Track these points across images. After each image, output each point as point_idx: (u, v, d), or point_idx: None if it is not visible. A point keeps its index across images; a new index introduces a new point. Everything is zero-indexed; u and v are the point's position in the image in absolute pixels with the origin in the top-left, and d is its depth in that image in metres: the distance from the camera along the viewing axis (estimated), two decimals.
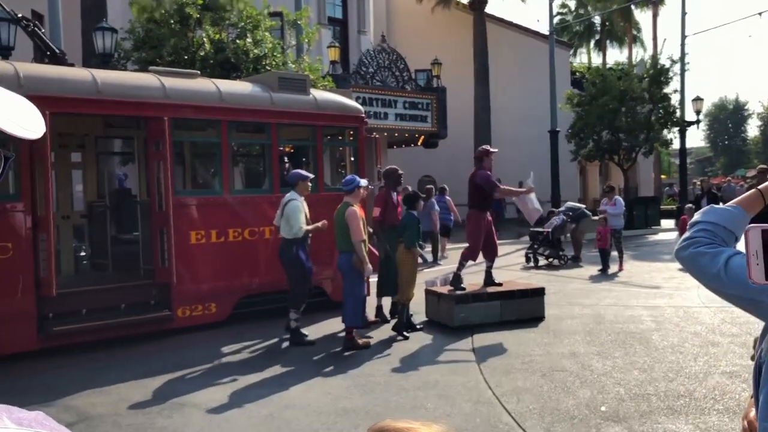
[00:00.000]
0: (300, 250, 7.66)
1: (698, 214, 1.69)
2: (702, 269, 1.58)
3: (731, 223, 1.63)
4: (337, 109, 9.93)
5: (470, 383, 6.01)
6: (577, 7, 44.14)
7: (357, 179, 7.61)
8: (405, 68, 20.48)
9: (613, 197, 13.60)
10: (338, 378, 6.31)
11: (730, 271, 1.52)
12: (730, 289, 1.53)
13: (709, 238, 1.61)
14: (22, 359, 6.95)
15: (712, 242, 1.60)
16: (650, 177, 36.10)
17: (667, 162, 53.64)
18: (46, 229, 7.26)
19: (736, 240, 1.64)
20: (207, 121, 9.10)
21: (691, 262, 1.62)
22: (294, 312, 7.65)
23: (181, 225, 8.28)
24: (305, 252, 7.72)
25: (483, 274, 9.01)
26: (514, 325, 8.21)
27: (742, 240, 1.50)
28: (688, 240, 1.64)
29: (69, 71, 8.05)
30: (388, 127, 19.81)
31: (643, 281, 11.85)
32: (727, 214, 1.65)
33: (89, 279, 9.38)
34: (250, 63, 13.20)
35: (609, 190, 14.10)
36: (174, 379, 6.35)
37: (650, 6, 37.17)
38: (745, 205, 1.68)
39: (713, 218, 1.64)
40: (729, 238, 1.62)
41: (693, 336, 7.59)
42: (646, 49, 40.46)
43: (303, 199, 7.76)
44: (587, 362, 6.57)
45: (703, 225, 1.64)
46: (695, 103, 26.80)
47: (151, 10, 13.17)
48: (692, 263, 1.61)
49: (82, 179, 10.77)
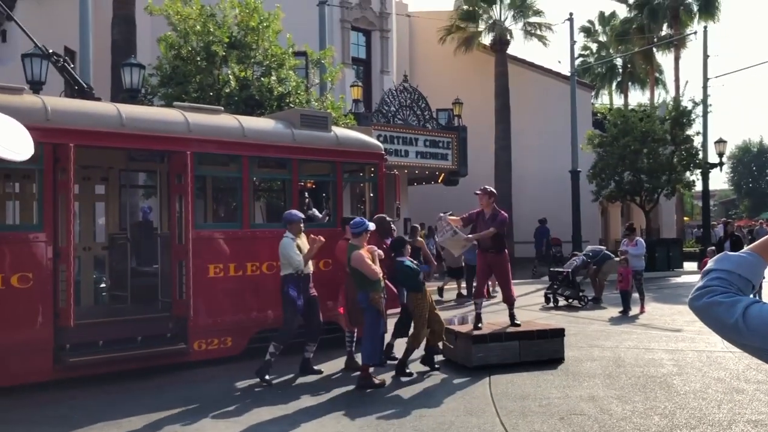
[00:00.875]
0: (290, 288, 7.59)
1: (712, 262, 1.62)
2: (718, 319, 1.51)
3: (748, 271, 1.56)
4: (358, 146, 10.00)
5: (486, 425, 5.90)
6: (599, 49, 44.47)
7: (366, 223, 7.60)
8: (426, 107, 20.67)
9: (634, 238, 13.45)
10: (352, 417, 6.23)
11: (749, 321, 1.45)
12: (750, 339, 1.46)
13: (724, 286, 1.53)
14: (37, 390, 6.97)
15: (727, 291, 1.52)
16: (672, 219, 35.72)
17: (690, 204, 53.10)
18: (66, 261, 7.33)
19: (753, 288, 1.58)
20: (229, 156, 9.21)
21: (706, 313, 1.54)
22: (274, 346, 7.52)
23: (200, 258, 8.32)
24: (296, 289, 7.62)
25: (501, 314, 8.97)
26: (532, 367, 8.08)
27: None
28: (702, 289, 1.57)
29: (94, 105, 8.22)
30: (408, 165, 19.91)
31: (665, 324, 11.63)
32: (744, 262, 1.58)
33: (107, 310, 9.42)
34: (274, 100, 13.40)
35: (630, 230, 13.95)
36: (187, 413, 6.31)
37: (672, 48, 37.25)
38: (761, 251, 1.60)
39: (728, 266, 1.57)
40: (745, 287, 1.55)
41: (716, 382, 7.40)
42: (668, 91, 40.43)
43: (303, 238, 7.76)
44: (606, 406, 6.42)
45: (718, 273, 1.57)
46: (718, 145, 26.61)
47: (178, 48, 13.46)
48: (707, 313, 1.54)
49: (105, 211, 10.91)
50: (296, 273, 7.62)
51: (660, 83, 42.08)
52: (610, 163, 23.86)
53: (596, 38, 44.53)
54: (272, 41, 13.98)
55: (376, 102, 21.05)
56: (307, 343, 7.96)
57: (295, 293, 7.61)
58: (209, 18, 13.44)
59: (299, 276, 7.65)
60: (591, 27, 44.35)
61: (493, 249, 8.68)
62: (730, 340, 1.52)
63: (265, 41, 13.89)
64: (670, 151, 24.13)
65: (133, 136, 7.96)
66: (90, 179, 10.24)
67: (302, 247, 7.72)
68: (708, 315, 1.54)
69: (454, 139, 21.03)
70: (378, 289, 7.35)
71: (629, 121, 24.00)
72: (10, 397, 6.68)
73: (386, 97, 19.95)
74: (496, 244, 8.67)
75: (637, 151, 23.34)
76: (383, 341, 7.51)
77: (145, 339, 8.16)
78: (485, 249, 8.72)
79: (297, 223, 7.77)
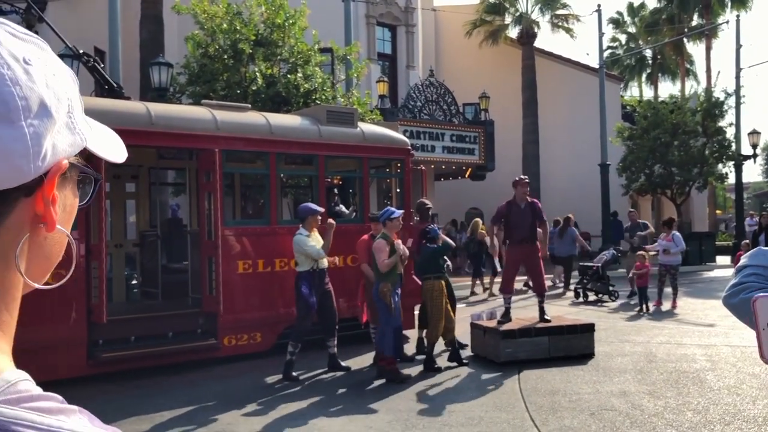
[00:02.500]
0: (304, 285, 7.54)
1: (745, 258, 1.58)
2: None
3: None
4: (384, 142, 9.99)
5: (515, 420, 5.87)
6: (628, 41, 43.82)
7: (390, 210, 7.61)
8: (453, 102, 20.57)
9: (671, 233, 12.82)
10: (380, 412, 6.24)
11: None
12: None
13: (761, 282, 1.50)
14: (70, 385, 7.09)
15: (765, 286, 1.49)
16: (705, 212, 35.12)
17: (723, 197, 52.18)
18: (99, 258, 7.45)
19: None
20: (256, 153, 9.27)
21: (743, 309, 1.50)
22: (292, 345, 7.49)
23: (229, 254, 8.40)
24: (309, 287, 7.56)
25: (530, 310, 8.90)
26: (562, 362, 8.01)
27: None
28: (737, 286, 1.53)
29: (124, 104, 8.33)
30: (435, 160, 19.85)
31: (697, 319, 11.44)
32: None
33: (139, 307, 9.56)
34: (300, 97, 13.45)
35: (668, 225, 13.15)
36: (217, 408, 6.38)
37: (703, 38, 36.58)
38: None
39: (764, 261, 1.54)
40: None
41: (751, 377, 7.26)
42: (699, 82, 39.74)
43: (315, 233, 7.66)
44: (638, 402, 6.34)
45: (753, 269, 1.53)
46: (752, 136, 26.05)
47: (205, 46, 13.58)
48: (744, 310, 1.50)
49: (135, 209, 11.06)
50: (311, 269, 7.56)
51: (691, 74, 41.37)
52: (640, 156, 23.54)
53: (625, 29, 43.87)
54: (298, 38, 14.03)
55: (402, 97, 21.02)
56: (327, 339, 7.91)
57: (308, 291, 7.54)
58: (236, 16, 13.54)
59: (314, 272, 7.59)
60: (620, 18, 43.72)
61: (529, 240, 8.60)
62: None
63: (291, 38, 13.95)
64: (701, 143, 23.72)
65: (163, 135, 8.05)
66: (120, 177, 10.39)
67: (316, 243, 7.65)
68: (745, 312, 1.50)
69: (481, 134, 20.90)
70: (387, 281, 7.34)
71: (659, 113, 23.65)
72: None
73: (412, 93, 19.90)
74: (533, 234, 8.62)
75: (668, 144, 23.00)
76: (400, 333, 7.46)
77: (176, 335, 8.27)
78: (520, 240, 8.60)
79: (314, 216, 7.66)
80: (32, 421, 0.59)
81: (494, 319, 8.96)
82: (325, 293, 7.78)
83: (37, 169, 0.64)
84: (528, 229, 8.57)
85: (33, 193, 0.65)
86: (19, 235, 0.66)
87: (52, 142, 0.65)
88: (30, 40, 0.67)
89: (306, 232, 7.62)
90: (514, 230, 8.61)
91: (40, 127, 0.64)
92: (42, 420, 0.60)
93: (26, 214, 0.66)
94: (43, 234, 0.68)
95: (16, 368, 0.66)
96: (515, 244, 8.66)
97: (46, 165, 0.65)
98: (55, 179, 0.66)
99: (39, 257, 0.70)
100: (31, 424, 0.59)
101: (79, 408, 0.66)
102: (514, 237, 8.65)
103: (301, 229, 7.68)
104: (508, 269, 9.00)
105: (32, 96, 0.63)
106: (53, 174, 0.66)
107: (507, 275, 9.04)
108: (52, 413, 0.62)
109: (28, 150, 0.63)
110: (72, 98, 0.70)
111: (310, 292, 7.57)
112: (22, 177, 0.63)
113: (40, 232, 0.67)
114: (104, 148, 0.77)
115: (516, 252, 8.68)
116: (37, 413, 0.60)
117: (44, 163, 0.64)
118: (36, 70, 0.65)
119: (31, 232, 0.67)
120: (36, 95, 0.64)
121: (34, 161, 0.63)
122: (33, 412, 0.60)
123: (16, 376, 0.63)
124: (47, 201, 0.66)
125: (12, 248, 0.65)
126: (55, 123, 0.66)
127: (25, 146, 0.62)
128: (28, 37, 0.67)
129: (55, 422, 0.61)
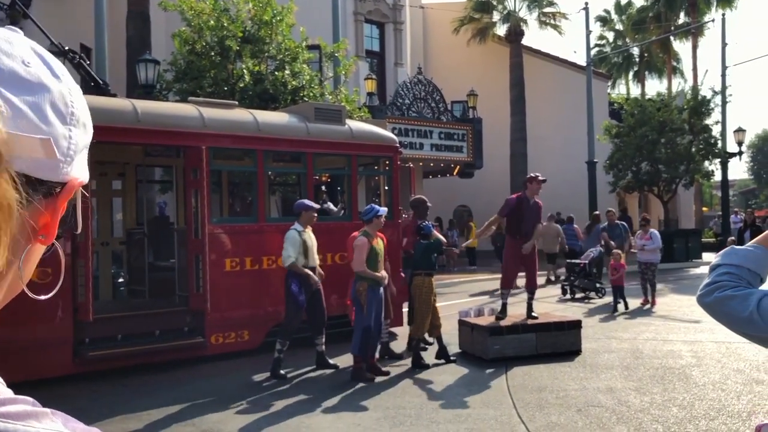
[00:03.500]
0: (294, 283, 7.50)
1: (718, 257, 1.59)
2: (731, 313, 1.49)
3: (755, 264, 1.53)
4: (372, 139, 9.99)
5: (503, 417, 5.89)
6: (615, 39, 44.01)
7: (375, 209, 7.49)
8: (441, 99, 20.61)
9: (648, 230, 13.02)
10: (369, 409, 6.25)
11: (764, 313, 1.43)
12: (765, 331, 1.44)
13: (733, 281, 1.51)
14: (57, 383, 7.05)
15: (737, 285, 1.50)
16: (691, 209, 35.41)
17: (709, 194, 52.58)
18: (85, 256, 7.40)
19: (761, 281, 1.55)
20: (244, 151, 9.24)
21: (718, 308, 1.52)
22: (280, 342, 7.46)
23: (217, 252, 8.37)
24: (299, 284, 7.50)
25: (520, 306, 8.94)
26: (549, 359, 8.05)
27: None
28: (711, 285, 1.54)
29: (110, 101, 8.27)
30: (423, 158, 19.88)
31: (683, 315, 11.53)
32: (751, 255, 1.55)
33: (126, 305, 9.51)
34: (288, 94, 13.41)
35: (645, 222, 13.42)
36: (205, 406, 6.36)
37: (689, 37, 36.83)
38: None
39: (736, 260, 1.55)
40: (754, 280, 1.53)
41: (736, 373, 7.33)
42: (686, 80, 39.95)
43: (309, 230, 7.64)
44: (624, 398, 6.39)
45: (726, 268, 1.54)
46: (737, 134, 26.28)
47: (192, 43, 13.51)
48: (719, 308, 1.52)
49: (122, 207, 11.00)
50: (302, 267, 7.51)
51: (677, 72, 41.63)
52: (627, 153, 23.67)
53: (612, 27, 44.06)
54: (286, 35, 13.98)
55: (390, 95, 21.01)
56: (315, 336, 7.88)
57: (297, 288, 7.50)
58: (223, 13, 13.47)
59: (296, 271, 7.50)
60: (607, 16, 43.91)
61: (530, 236, 8.65)
62: (743, 334, 1.51)
63: (279, 35, 13.90)
64: (688, 140, 23.88)
65: (149, 132, 8.01)
66: (107, 175, 10.32)
67: (308, 242, 7.59)
68: (720, 310, 1.52)
69: (469, 131, 20.95)
70: (364, 280, 7.25)
71: (646, 110, 23.79)
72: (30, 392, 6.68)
73: (400, 90, 19.91)
74: (533, 231, 8.69)
75: (655, 141, 23.13)
76: (368, 334, 7.24)
77: (163, 333, 8.23)
78: (524, 235, 8.62)
79: (309, 211, 7.63)
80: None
81: (481, 316, 8.97)
82: (315, 292, 7.72)
83: (65, 174, 0.64)
84: (532, 226, 8.64)
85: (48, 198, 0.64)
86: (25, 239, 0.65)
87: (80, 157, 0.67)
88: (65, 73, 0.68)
89: (301, 228, 7.59)
90: (522, 224, 8.62)
91: (80, 138, 0.66)
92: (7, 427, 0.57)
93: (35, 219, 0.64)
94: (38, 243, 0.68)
95: None
96: (520, 238, 8.66)
97: (70, 176, 0.65)
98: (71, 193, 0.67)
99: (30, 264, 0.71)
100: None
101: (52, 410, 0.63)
102: (521, 231, 8.66)
103: (296, 224, 7.65)
104: (510, 264, 8.88)
105: (78, 110, 0.66)
106: (70, 187, 0.66)
107: (509, 270, 8.92)
108: (20, 418, 0.59)
109: (67, 152, 0.64)
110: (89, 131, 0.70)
111: (299, 290, 7.53)
112: (55, 174, 0.63)
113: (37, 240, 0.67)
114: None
115: (518, 246, 8.64)
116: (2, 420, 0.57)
117: (70, 174, 0.65)
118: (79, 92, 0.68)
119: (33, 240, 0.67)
120: (82, 111, 0.67)
121: (66, 165, 0.64)
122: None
123: None
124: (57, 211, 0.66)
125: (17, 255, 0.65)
126: (87, 144, 0.68)
127: (67, 147, 0.64)
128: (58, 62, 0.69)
129: (21, 428, 0.58)
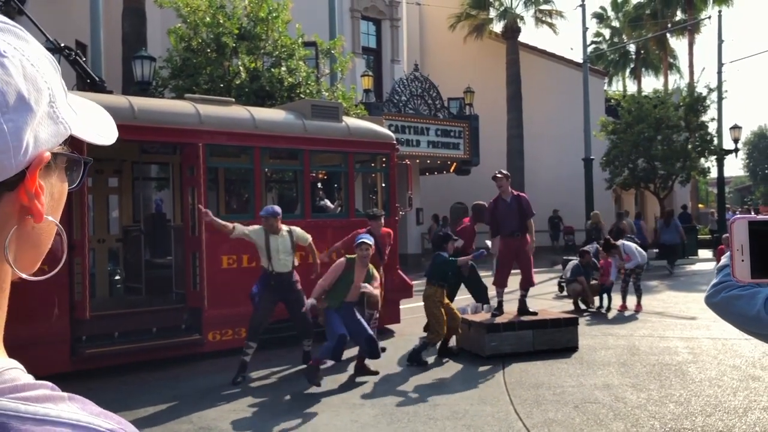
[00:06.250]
0: (258, 282, 7.38)
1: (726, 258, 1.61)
2: (739, 312, 1.51)
3: None
4: (369, 136, 9.98)
5: (500, 414, 5.90)
6: (612, 35, 44.02)
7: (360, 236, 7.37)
8: (437, 96, 20.59)
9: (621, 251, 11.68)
10: (366, 406, 6.25)
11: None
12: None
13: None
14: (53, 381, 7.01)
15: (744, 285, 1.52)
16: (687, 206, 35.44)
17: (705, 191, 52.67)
18: (81, 253, 7.38)
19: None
20: (240, 148, 9.22)
21: (725, 307, 1.53)
22: (246, 344, 7.27)
23: (214, 249, 8.36)
24: (261, 284, 7.34)
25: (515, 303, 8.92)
26: (546, 355, 8.07)
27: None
28: (718, 285, 1.55)
29: (106, 98, 8.23)
30: (420, 155, 19.86)
31: (680, 312, 11.56)
32: None
33: (122, 302, 9.49)
34: (284, 91, 13.39)
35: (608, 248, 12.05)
36: (202, 403, 6.36)
37: (686, 34, 36.84)
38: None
39: None
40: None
41: (732, 369, 7.35)
42: (682, 77, 40.07)
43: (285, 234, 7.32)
44: (621, 394, 6.40)
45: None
46: (733, 131, 26.33)
47: (188, 40, 13.47)
48: (727, 308, 1.53)
49: (118, 204, 10.97)
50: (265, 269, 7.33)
51: (674, 69, 41.69)
52: (623, 150, 23.70)
53: (609, 24, 44.06)
54: (282, 32, 13.95)
55: (386, 92, 20.98)
56: (302, 339, 7.76)
57: (257, 288, 7.33)
58: (219, 9, 13.44)
59: (269, 273, 7.31)
60: (603, 13, 43.90)
61: (519, 232, 8.62)
62: (751, 333, 1.51)
63: (275, 32, 13.87)
64: (684, 137, 23.92)
65: (146, 129, 7.98)
66: (103, 172, 10.31)
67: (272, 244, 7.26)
68: (727, 309, 1.53)
69: (466, 128, 20.94)
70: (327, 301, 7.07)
71: (643, 107, 23.80)
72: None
73: (397, 87, 19.88)
74: (522, 227, 8.64)
75: (651, 138, 23.16)
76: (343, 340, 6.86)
77: (160, 330, 8.22)
78: (511, 233, 8.60)
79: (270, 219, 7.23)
80: (15, 410, 0.59)
81: (479, 313, 8.99)
82: (293, 301, 7.39)
83: (18, 164, 0.63)
84: (516, 223, 8.60)
85: (16, 188, 0.64)
86: (6, 227, 0.65)
87: (33, 134, 0.64)
88: (7, 28, 0.66)
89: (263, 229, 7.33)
90: (501, 224, 8.63)
91: (19, 120, 0.62)
92: (27, 408, 0.59)
93: (12, 207, 0.65)
94: (30, 224, 0.67)
95: (7, 357, 0.66)
96: (505, 237, 8.66)
97: (27, 159, 0.63)
98: (36, 172, 0.65)
99: (27, 247, 0.69)
100: (13, 413, 0.58)
101: (69, 395, 0.65)
102: (503, 231, 8.67)
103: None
104: (504, 264, 8.92)
105: (8, 90, 0.62)
106: (35, 167, 0.65)
107: (501, 269, 8.97)
108: (39, 401, 0.61)
109: (7, 146, 0.61)
110: (53, 87, 0.68)
111: (258, 291, 7.29)
112: (3, 173, 0.62)
113: (27, 223, 0.67)
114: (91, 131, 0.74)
115: (507, 246, 8.68)
116: (21, 402, 0.60)
117: (26, 157, 0.63)
118: (12, 61, 0.63)
119: (19, 224, 0.66)
120: (12, 88, 0.62)
121: (14, 157, 0.62)
122: (17, 401, 0.60)
123: (4, 365, 0.63)
124: (31, 194, 0.65)
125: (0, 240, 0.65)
126: (35, 115, 0.64)
127: (4, 142, 0.61)
128: (5, 26, 0.66)
129: (41, 410, 0.60)
